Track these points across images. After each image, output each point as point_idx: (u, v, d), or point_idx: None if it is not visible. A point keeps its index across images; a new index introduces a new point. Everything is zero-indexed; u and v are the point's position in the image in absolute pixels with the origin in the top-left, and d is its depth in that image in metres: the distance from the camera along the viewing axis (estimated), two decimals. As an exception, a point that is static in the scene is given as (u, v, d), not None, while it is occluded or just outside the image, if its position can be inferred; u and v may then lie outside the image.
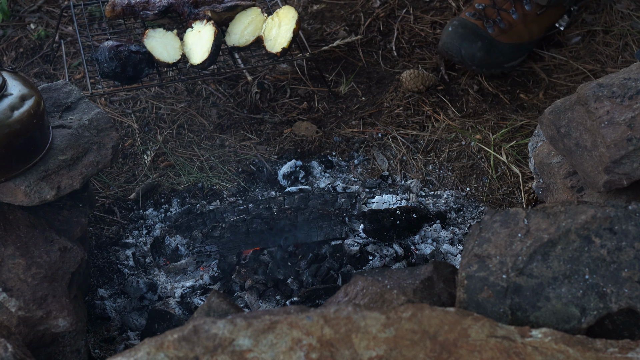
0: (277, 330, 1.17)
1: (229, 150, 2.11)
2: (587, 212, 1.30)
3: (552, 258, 1.28)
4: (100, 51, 1.97)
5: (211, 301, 1.37)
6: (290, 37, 2.07)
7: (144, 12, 2.15)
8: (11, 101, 1.50)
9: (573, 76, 2.27)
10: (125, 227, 1.93)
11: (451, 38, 2.19)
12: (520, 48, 2.24)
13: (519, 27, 2.22)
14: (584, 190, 1.63)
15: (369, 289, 1.39)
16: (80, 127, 1.65)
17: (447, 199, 1.99)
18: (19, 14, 2.53)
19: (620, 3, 2.45)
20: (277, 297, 1.74)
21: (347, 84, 2.29)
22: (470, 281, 1.29)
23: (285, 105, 2.24)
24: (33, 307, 1.47)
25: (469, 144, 2.11)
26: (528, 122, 2.14)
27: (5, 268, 1.50)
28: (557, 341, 1.18)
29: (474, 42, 2.17)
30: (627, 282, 1.26)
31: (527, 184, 1.99)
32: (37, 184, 1.53)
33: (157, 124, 2.18)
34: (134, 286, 1.77)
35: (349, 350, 1.16)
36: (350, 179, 2.05)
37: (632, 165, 1.45)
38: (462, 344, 1.17)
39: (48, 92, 1.73)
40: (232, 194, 2.01)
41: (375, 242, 1.84)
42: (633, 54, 2.30)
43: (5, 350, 1.27)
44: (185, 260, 1.83)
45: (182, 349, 1.15)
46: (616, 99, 1.49)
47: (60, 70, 2.34)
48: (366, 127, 2.18)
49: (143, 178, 2.04)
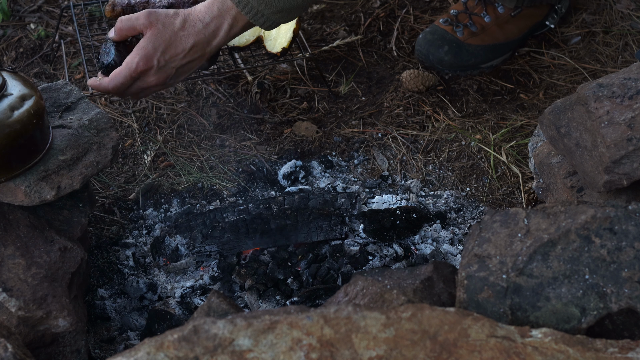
0: (277, 330, 1.17)
1: (229, 150, 2.11)
2: (587, 212, 1.30)
3: (552, 258, 1.28)
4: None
5: (211, 301, 1.37)
6: (290, 37, 2.07)
7: (144, 12, 2.15)
8: (11, 101, 1.50)
9: (573, 76, 2.27)
10: (125, 227, 1.93)
11: (420, 45, 2.27)
12: (496, 49, 2.29)
13: (492, 29, 2.28)
14: (584, 190, 1.63)
15: (369, 289, 1.39)
16: (80, 127, 1.65)
17: (447, 199, 1.99)
18: (19, 14, 2.53)
19: (620, 3, 2.45)
20: (277, 297, 1.74)
21: (347, 84, 2.29)
22: (470, 281, 1.29)
23: (285, 105, 2.24)
24: (33, 307, 1.47)
25: (469, 144, 2.11)
26: (528, 122, 2.14)
27: (5, 268, 1.50)
28: (557, 341, 1.18)
29: (441, 46, 2.24)
30: (627, 282, 1.26)
31: (527, 184, 1.99)
32: (37, 184, 1.53)
33: (157, 124, 2.18)
34: (134, 286, 1.77)
35: (349, 350, 1.16)
36: (350, 179, 2.05)
37: (632, 165, 1.45)
38: (462, 344, 1.17)
39: (48, 92, 1.73)
40: (232, 194, 2.01)
41: (375, 242, 1.84)
42: (633, 54, 2.30)
43: (5, 350, 1.27)
44: (185, 260, 1.83)
45: (182, 349, 1.15)
46: (616, 99, 1.50)
47: (60, 70, 2.34)
48: (366, 127, 2.18)
49: (143, 178, 2.05)
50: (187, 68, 1.73)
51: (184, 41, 1.67)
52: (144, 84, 1.72)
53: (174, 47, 1.68)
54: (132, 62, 1.68)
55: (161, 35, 1.67)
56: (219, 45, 1.72)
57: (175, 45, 1.68)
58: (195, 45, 1.68)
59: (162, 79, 1.72)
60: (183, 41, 1.67)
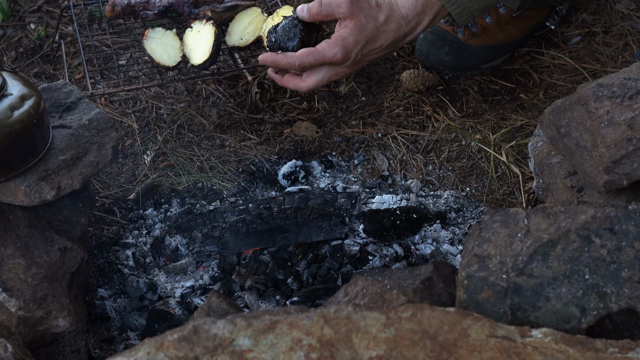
0: (277, 330, 1.17)
1: (229, 150, 2.11)
2: (587, 212, 1.30)
3: (552, 258, 1.28)
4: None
5: (211, 301, 1.37)
6: (290, 37, 2.07)
7: (144, 12, 2.15)
8: (11, 101, 1.50)
9: (573, 76, 2.27)
10: (125, 227, 1.93)
11: (420, 45, 2.27)
12: (496, 49, 2.29)
13: (492, 30, 2.28)
14: (584, 190, 1.63)
15: (369, 289, 1.39)
16: (80, 127, 1.65)
17: (447, 199, 1.99)
18: (19, 14, 2.53)
19: (620, 3, 2.45)
20: (277, 297, 1.74)
21: (347, 84, 2.29)
22: (470, 281, 1.29)
23: (285, 105, 2.24)
24: (33, 307, 1.47)
25: (469, 144, 2.11)
26: (528, 122, 2.14)
27: (5, 268, 1.50)
28: (557, 341, 1.18)
29: (442, 47, 2.24)
30: (627, 282, 1.26)
31: (527, 184, 1.99)
32: (37, 184, 1.53)
33: (157, 124, 2.18)
34: (134, 286, 1.77)
35: (349, 350, 1.16)
36: (350, 179, 2.05)
37: (632, 165, 1.45)
38: (462, 344, 1.17)
39: (48, 92, 1.73)
40: (232, 194, 2.01)
41: (375, 242, 1.84)
42: (633, 54, 2.30)
43: (5, 350, 1.27)
44: (185, 260, 1.83)
45: (182, 349, 1.15)
46: (616, 99, 1.49)
47: (60, 70, 2.34)
48: (366, 127, 2.18)
49: (143, 178, 2.05)
50: (376, 60, 1.72)
51: (384, 37, 1.65)
52: (332, 73, 1.70)
53: (372, 43, 1.65)
54: (329, 51, 1.64)
55: (364, 30, 1.63)
56: (412, 40, 1.70)
57: (375, 40, 1.65)
58: (393, 42, 1.66)
59: (354, 70, 1.71)
60: (383, 37, 1.64)
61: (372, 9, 1.63)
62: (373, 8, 1.63)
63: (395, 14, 1.64)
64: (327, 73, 1.71)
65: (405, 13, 1.64)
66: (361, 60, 1.69)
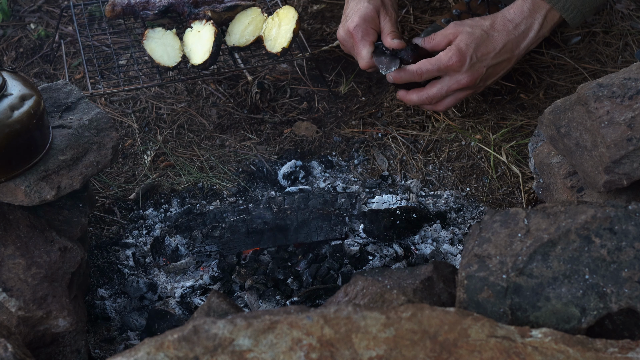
0: (277, 330, 1.17)
1: (229, 150, 2.11)
2: (587, 212, 1.30)
3: (552, 258, 1.28)
4: None
5: (211, 301, 1.37)
6: (291, 37, 2.07)
7: (144, 12, 2.15)
8: (11, 101, 1.50)
9: (573, 76, 2.27)
10: (125, 227, 1.93)
11: None
12: None
13: None
14: (584, 190, 1.63)
15: (369, 289, 1.39)
16: (80, 127, 1.65)
17: (447, 199, 1.99)
18: (19, 14, 2.53)
19: (620, 3, 2.45)
20: (277, 297, 1.74)
21: (347, 84, 2.29)
22: (470, 281, 1.29)
23: (285, 105, 2.24)
24: (33, 307, 1.47)
25: (469, 144, 2.11)
26: (528, 122, 2.14)
27: (5, 268, 1.50)
28: (557, 341, 1.18)
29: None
30: (627, 282, 1.26)
31: (527, 184, 1.99)
32: (37, 184, 1.53)
33: (157, 124, 2.18)
34: (134, 286, 1.77)
35: (349, 350, 1.16)
36: (350, 179, 2.05)
37: (632, 165, 1.45)
38: (462, 344, 1.17)
39: (48, 92, 1.73)
40: (232, 194, 2.01)
41: (375, 242, 1.84)
42: (633, 54, 2.30)
43: (5, 350, 1.27)
44: (185, 260, 1.83)
45: (182, 349, 1.15)
46: (616, 99, 1.50)
47: (60, 70, 2.34)
48: (366, 127, 2.18)
49: (143, 178, 2.05)
50: (496, 70, 1.77)
51: (494, 40, 1.71)
52: (454, 84, 1.76)
53: (485, 45, 1.71)
54: (444, 57, 1.72)
55: (472, 34, 1.71)
56: (528, 47, 1.74)
57: (486, 43, 1.71)
58: (505, 45, 1.71)
59: (474, 78, 1.75)
60: (493, 40, 1.71)
61: (475, 20, 1.74)
62: (476, 20, 1.74)
63: (500, 19, 1.72)
64: (448, 82, 1.79)
65: (511, 17, 1.71)
66: (479, 65, 1.74)
